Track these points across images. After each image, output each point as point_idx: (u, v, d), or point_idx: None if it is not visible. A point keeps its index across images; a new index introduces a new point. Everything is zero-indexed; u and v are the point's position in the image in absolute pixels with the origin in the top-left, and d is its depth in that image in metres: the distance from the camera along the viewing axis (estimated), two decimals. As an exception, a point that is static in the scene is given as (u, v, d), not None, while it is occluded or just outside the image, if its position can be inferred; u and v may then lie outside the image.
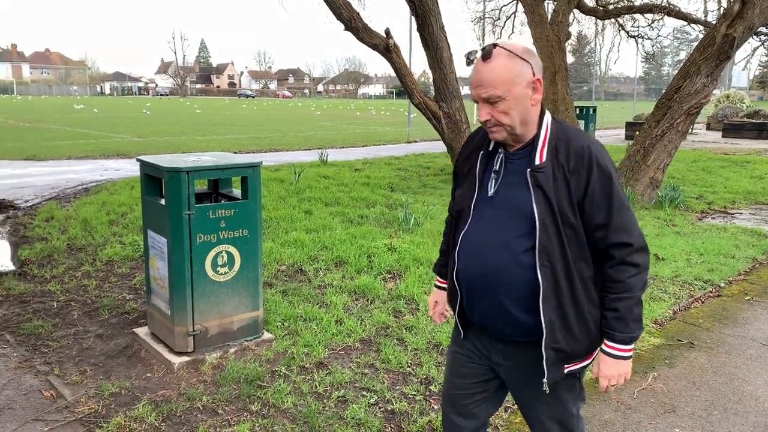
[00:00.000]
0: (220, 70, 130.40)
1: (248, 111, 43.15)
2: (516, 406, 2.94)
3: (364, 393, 3.52)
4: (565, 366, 1.95)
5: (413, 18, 10.90)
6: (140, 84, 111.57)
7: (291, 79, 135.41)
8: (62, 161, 13.76)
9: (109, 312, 4.64)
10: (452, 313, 2.14)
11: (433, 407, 3.38)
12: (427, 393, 3.53)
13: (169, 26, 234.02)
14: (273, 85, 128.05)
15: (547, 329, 1.89)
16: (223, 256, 3.83)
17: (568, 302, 1.89)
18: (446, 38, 10.65)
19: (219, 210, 3.79)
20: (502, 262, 1.90)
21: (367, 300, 4.93)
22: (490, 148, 2.00)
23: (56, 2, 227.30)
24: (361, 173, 11.79)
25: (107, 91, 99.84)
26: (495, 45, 1.86)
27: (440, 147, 14.22)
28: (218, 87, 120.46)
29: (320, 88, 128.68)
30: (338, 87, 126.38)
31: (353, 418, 3.24)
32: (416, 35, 10.73)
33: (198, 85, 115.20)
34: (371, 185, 10.28)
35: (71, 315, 4.60)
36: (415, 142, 20.37)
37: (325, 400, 3.42)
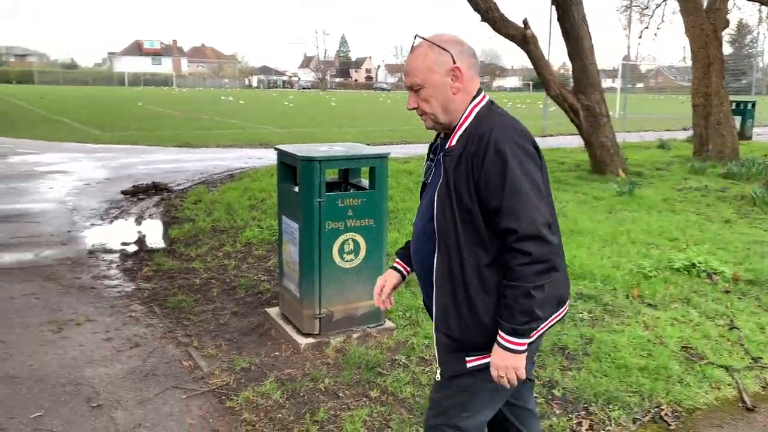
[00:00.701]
0: (358, 64, 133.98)
1: (382, 104, 43.96)
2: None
3: (484, 390, 3.45)
4: (467, 359, 1.90)
5: (553, 8, 10.50)
6: (284, 77, 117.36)
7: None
8: (211, 149, 14.81)
9: (245, 291, 4.92)
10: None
11: (555, 411, 3.24)
12: (549, 396, 3.40)
13: (314, 22, 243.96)
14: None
15: (438, 314, 1.91)
16: (349, 244, 3.92)
17: (459, 288, 1.86)
18: (588, 28, 10.17)
19: (347, 199, 3.88)
20: (420, 247, 1.99)
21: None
22: (441, 137, 2.02)
23: (212, 0, 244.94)
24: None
25: (254, 84, 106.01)
26: (421, 37, 1.94)
27: (576, 141, 13.64)
28: (356, 81, 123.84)
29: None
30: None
31: (471, 415, 3.19)
32: (555, 25, 10.32)
33: (337, 79, 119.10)
34: (502, 180, 10.05)
35: (211, 292, 4.94)
36: (551, 136, 19.72)
37: (443, 394, 3.39)
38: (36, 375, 3.53)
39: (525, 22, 10.08)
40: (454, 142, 1.88)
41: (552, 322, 2.02)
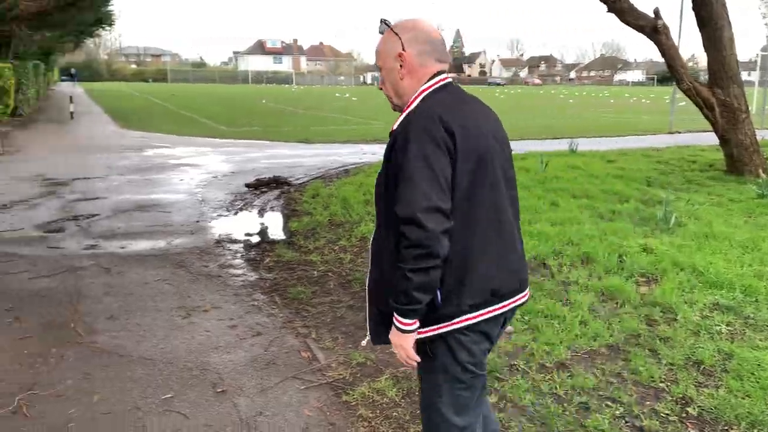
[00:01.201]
0: (471, 59, 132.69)
1: (497, 99, 43.22)
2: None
3: (609, 403, 3.25)
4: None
5: (688, -6, 9.80)
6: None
7: (542, 66, 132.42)
8: (328, 144, 15.19)
9: (360, 285, 4.96)
10: None
11: (689, 431, 2.99)
12: (683, 415, 3.14)
13: (430, 18, 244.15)
14: (523, 73, 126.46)
15: (370, 286, 2.05)
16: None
17: (385, 265, 1.93)
18: (728, 16, 9.39)
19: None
20: None
21: (616, 303, 4.56)
22: None
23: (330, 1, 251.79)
24: (613, 165, 11.02)
25: (369, 81, 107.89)
26: (384, 21, 2.04)
27: (709, 139, 12.68)
28: (469, 76, 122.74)
29: (572, 74, 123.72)
30: (592, 73, 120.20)
31: (596, 428, 3.01)
32: (687, 15, 9.61)
33: (450, 74, 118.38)
34: (625, 178, 9.54)
35: (328, 284, 5.03)
36: (678, 132, 18.47)
37: (565, 404, 3.23)
38: (166, 358, 3.73)
39: (656, 11, 9.46)
40: (395, 125, 1.95)
41: (486, 316, 1.95)
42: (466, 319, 1.92)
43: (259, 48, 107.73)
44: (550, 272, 5.21)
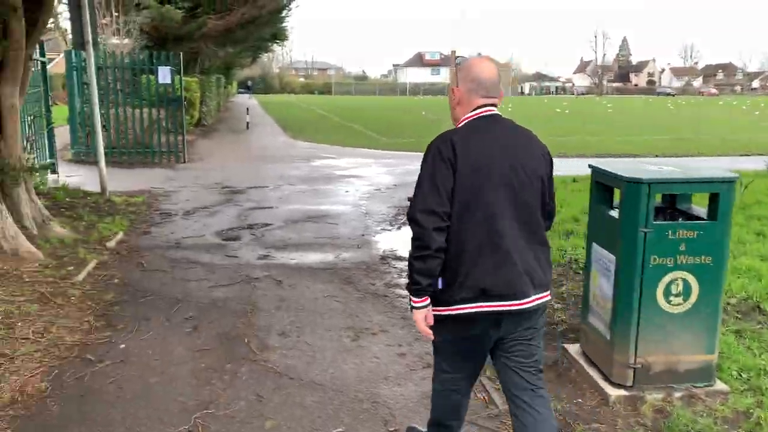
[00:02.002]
0: (639, 68, 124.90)
1: (666, 110, 40.04)
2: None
3: None
4: None
5: None
6: (557, 83, 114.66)
7: (719, 75, 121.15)
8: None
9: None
10: None
11: None
12: None
13: (593, 26, 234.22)
14: (697, 83, 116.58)
15: None
16: (678, 284, 3.27)
17: None
18: None
19: (680, 230, 3.23)
20: None
21: None
22: None
23: (493, 7, 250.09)
24: (828, 189, 9.48)
25: (526, 91, 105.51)
26: (460, 56, 3.12)
27: None
28: (636, 85, 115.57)
29: (755, 84, 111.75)
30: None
31: None
32: None
33: (614, 84, 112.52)
34: None
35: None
36: None
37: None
38: (336, 385, 3.58)
39: None
40: None
41: (472, 310, 2.28)
42: (462, 309, 2.30)
43: (418, 60, 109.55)
44: (767, 318, 4.41)
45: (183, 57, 13.90)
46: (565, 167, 12.97)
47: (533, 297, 2.31)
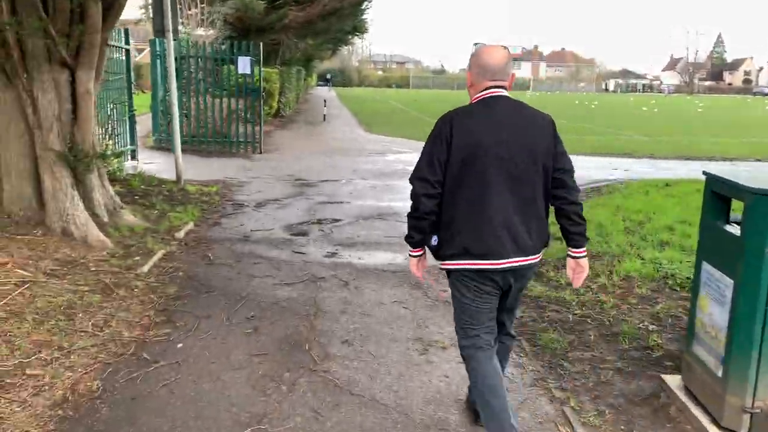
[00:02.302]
0: (734, 66, 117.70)
1: (765, 111, 37.40)
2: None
3: None
4: None
5: None
6: (644, 81, 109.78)
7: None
8: (572, 156, 14.01)
9: (630, 342, 4.03)
10: None
11: None
12: None
13: (685, 21, 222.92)
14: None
15: None
16: (811, 318, 2.73)
17: None
18: None
19: (819, 254, 2.69)
20: None
21: None
22: None
23: (572, 3, 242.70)
24: None
25: (611, 88, 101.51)
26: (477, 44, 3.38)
27: None
28: (729, 84, 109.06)
29: None
30: None
31: None
32: None
33: (706, 83, 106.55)
34: None
35: (587, 334, 4.18)
36: None
37: None
38: (401, 406, 3.24)
39: None
40: None
41: (459, 266, 2.67)
42: (451, 264, 2.68)
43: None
44: None
45: (264, 48, 13.92)
46: (653, 170, 12.13)
47: (515, 259, 2.61)
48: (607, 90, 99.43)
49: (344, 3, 19.74)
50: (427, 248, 2.80)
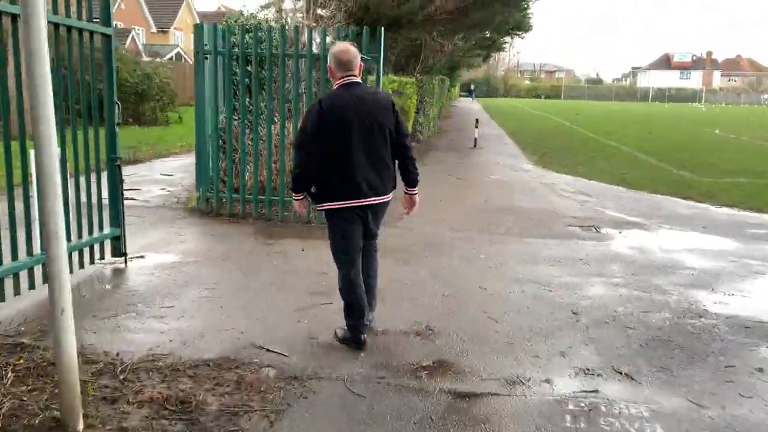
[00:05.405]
0: None
1: None
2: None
3: None
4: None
5: None
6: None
7: None
8: None
9: None
10: None
11: None
12: None
13: None
14: None
15: None
16: None
17: None
18: None
19: None
20: None
21: None
22: None
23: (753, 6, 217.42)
24: None
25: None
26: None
27: None
28: None
29: None
30: None
31: None
32: None
33: None
34: None
35: None
36: None
37: None
38: None
39: None
40: None
41: (335, 206, 3.73)
42: (328, 205, 3.75)
43: (664, 62, 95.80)
44: None
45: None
46: None
47: (372, 198, 3.75)
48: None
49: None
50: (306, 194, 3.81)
